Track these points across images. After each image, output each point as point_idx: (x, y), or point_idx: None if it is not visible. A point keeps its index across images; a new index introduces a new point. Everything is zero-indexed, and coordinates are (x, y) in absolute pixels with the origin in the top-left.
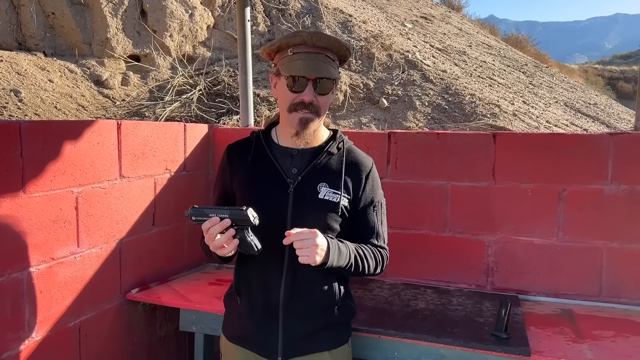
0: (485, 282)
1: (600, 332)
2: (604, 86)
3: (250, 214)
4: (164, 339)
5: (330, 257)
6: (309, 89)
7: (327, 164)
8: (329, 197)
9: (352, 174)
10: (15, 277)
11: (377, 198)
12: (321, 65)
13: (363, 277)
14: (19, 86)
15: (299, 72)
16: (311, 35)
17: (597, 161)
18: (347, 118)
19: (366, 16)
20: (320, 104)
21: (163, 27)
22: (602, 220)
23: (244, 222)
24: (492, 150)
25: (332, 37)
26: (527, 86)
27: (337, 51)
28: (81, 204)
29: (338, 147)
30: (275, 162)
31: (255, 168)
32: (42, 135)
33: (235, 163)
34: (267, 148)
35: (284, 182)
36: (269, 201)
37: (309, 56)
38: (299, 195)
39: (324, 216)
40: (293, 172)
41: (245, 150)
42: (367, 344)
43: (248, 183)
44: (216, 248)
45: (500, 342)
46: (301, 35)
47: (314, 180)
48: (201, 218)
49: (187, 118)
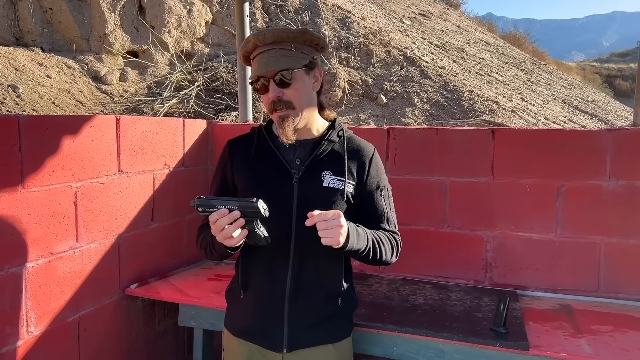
0: (484, 277)
1: (598, 326)
2: (602, 84)
3: (260, 206)
4: (163, 334)
5: (350, 239)
6: (272, 86)
7: (330, 152)
8: (334, 184)
9: (355, 159)
10: (14, 272)
11: (383, 182)
12: (272, 60)
13: (379, 264)
14: (17, 82)
15: (255, 74)
16: (256, 36)
17: (595, 157)
18: (345, 114)
19: (365, 12)
20: (290, 97)
21: (161, 23)
22: (601, 216)
23: (254, 214)
24: (490, 146)
25: (278, 29)
26: (525, 83)
27: (291, 40)
28: (80, 199)
29: (338, 134)
30: (278, 154)
31: (258, 161)
32: (41, 130)
33: (237, 157)
34: (269, 141)
35: (288, 173)
36: (275, 192)
37: (262, 56)
38: (303, 185)
39: (329, 204)
40: (297, 163)
41: (247, 145)
42: (366, 338)
43: (252, 176)
44: (224, 238)
45: (499, 336)
46: (249, 40)
47: (317, 169)
48: (208, 209)
49: (186, 114)
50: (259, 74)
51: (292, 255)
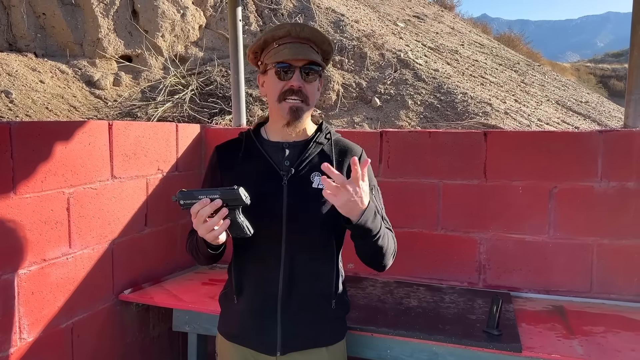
0: (477, 279)
1: (590, 327)
2: (596, 84)
3: (242, 193)
4: (157, 339)
5: (367, 212)
6: (297, 75)
7: (318, 154)
8: (323, 185)
9: (343, 161)
10: (6, 279)
11: (372, 182)
12: (307, 51)
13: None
14: (10, 87)
15: (286, 57)
16: (295, 27)
17: (587, 158)
18: (339, 117)
19: (358, 15)
20: (308, 92)
21: (155, 27)
22: (593, 217)
23: (236, 201)
24: (483, 148)
25: (316, 29)
26: (519, 85)
27: (320, 44)
28: (73, 205)
29: (326, 137)
30: (267, 156)
31: (247, 164)
32: (33, 136)
33: (225, 162)
34: (258, 144)
35: (277, 174)
36: (264, 194)
37: (294, 45)
38: (293, 187)
39: (319, 205)
40: (285, 165)
41: (235, 149)
42: (360, 341)
43: (241, 179)
44: (207, 231)
45: (492, 338)
46: (285, 26)
47: (306, 171)
48: (190, 201)
49: (180, 118)
50: (289, 58)
51: (283, 257)
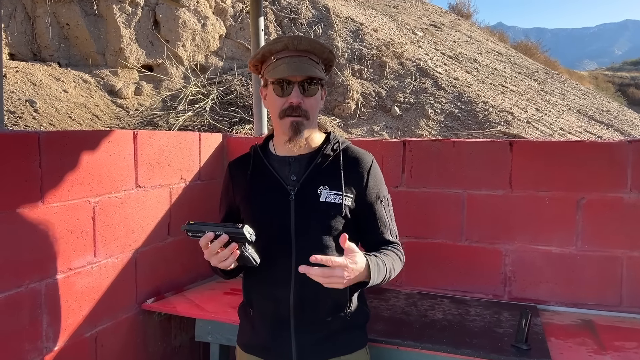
0: (503, 291)
1: (622, 343)
2: (615, 92)
3: (246, 232)
4: (179, 349)
5: (372, 276)
6: (296, 91)
7: (326, 166)
8: (331, 199)
9: (352, 171)
10: (33, 288)
11: (382, 192)
12: (305, 66)
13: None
14: (34, 96)
15: (283, 74)
16: (292, 39)
17: (615, 169)
18: (359, 126)
19: (377, 24)
20: (308, 107)
21: (176, 37)
22: (622, 229)
23: (241, 239)
24: (508, 158)
25: (314, 40)
26: (539, 93)
27: (320, 54)
28: (98, 214)
29: (333, 148)
30: (273, 171)
31: (255, 180)
32: (60, 146)
33: (237, 178)
34: (264, 159)
35: (284, 190)
36: (271, 210)
37: (292, 59)
38: (300, 201)
39: (327, 219)
40: (292, 179)
41: (244, 165)
42: (385, 355)
43: (249, 196)
44: (218, 262)
45: (521, 353)
46: (282, 40)
47: (313, 184)
48: (197, 234)
49: (200, 127)
50: (287, 75)
51: (293, 272)
